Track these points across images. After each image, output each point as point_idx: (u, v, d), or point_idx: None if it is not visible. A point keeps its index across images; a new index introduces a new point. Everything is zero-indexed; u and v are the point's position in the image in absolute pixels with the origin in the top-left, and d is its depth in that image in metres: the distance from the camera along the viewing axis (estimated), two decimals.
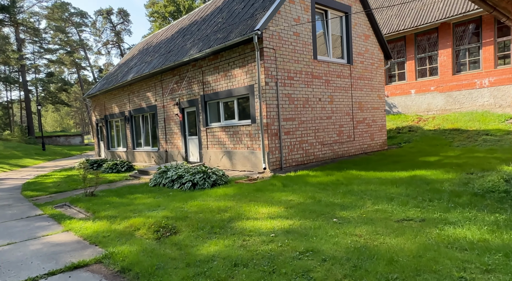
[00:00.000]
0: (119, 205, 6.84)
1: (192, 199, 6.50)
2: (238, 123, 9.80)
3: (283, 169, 9.08)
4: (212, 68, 10.51)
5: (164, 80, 13.02)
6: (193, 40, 12.07)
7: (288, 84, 9.30)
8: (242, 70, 9.38)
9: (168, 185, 8.82)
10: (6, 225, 6.13)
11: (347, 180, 6.83)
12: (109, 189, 9.17)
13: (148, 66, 14.08)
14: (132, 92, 15.31)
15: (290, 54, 9.31)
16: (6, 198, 9.09)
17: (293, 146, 9.45)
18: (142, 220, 5.31)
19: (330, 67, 10.52)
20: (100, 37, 49.55)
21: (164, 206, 6.24)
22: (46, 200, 8.45)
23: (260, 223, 4.53)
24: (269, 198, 5.95)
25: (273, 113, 8.92)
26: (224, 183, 8.28)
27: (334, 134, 10.69)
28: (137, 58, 17.23)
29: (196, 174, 8.38)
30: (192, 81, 11.46)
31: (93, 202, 7.38)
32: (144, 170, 11.36)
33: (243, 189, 6.93)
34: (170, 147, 13.10)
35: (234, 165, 9.97)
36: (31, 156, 24.28)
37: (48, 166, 19.42)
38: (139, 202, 6.99)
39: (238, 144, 9.82)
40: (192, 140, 12.01)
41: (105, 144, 18.64)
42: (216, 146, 10.70)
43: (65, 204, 7.80)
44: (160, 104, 13.39)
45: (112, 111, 17.37)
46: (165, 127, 13.25)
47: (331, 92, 10.57)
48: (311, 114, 9.93)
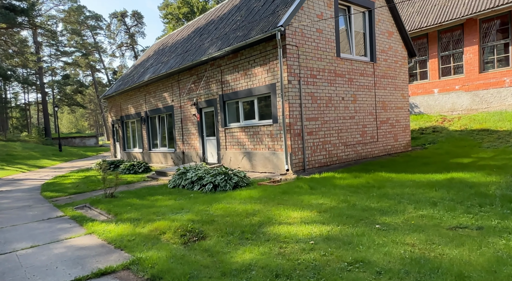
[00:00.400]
0: (140, 207, 6.65)
1: (216, 202, 6.25)
2: (259, 123, 9.52)
3: (306, 170, 8.75)
4: (231, 67, 10.28)
5: (181, 80, 12.87)
6: (211, 39, 11.88)
7: (311, 82, 8.98)
8: (263, 68, 9.11)
9: (187, 186, 8.61)
10: (28, 226, 6.00)
11: (379, 183, 6.46)
12: (128, 191, 9.02)
13: (164, 66, 13.97)
14: (149, 93, 15.23)
15: (313, 51, 8.99)
16: (26, 199, 9.04)
17: (316, 147, 9.12)
18: (167, 224, 5.08)
19: (353, 65, 10.14)
20: (115, 39, 50.25)
21: (188, 208, 6.00)
22: (66, 201, 8.35)
23: (294, 229, 4.23)
24: (298, 202, 5.64)
25: (295, 112, 8.62)
26: (246, 185, 8.01)
27: (357, 135, 10.30)
28: (153, 59, 17.19)
29: (217, 175, 8.14)
30: (210, 80, 11.26)
31: (114, 204, 7.21)
32: (161, 171, 11.20)
33: (268, 192, 6.64)
34: (187, 148, 12.93)
35: (254, 166, 9.69)
36: (48, 157, 24.59)
37: (65, 167, 19.57)
38: (161, 204, 6.78)
39: (259, 145, 9.55)
40: (210, 140, 11.80)
41: (121, 145, 18.66)
42: (235, 147, 10.45)
43: (85, 205, 7.67)
44: (177, 105, 13.25)
45: (128, 112, 17.36)
46: (182, 127, 13.09)
47: (354, 91, 10.19)
48: (334, 114, 9.58)
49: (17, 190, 10.84)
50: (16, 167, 18.93)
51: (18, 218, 6.75)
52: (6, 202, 8.80)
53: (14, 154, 23.50)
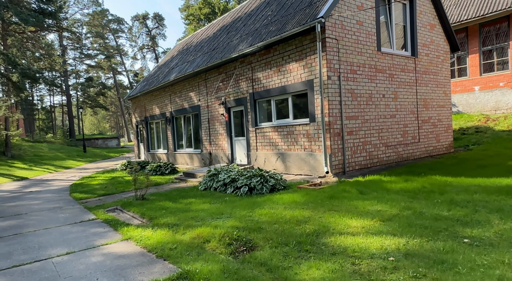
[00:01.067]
0: (175, 211, 6.25)
1: (258, 207, 5.76)
2: (293, 122, 9.00)
3: (346, 173, 8.15)
4: (263, 63, 9.81)
5: (208, 79, 12.53)
6: (239, 36, 11.46)
7: (351, 78, 8.39)
8: (299, 64, 8.59)
9: (220, 189, 8.19)
10: (61, 230, 5.71)
11: (438, 188, 5.79)
12: (158, 193, 8.70)
13: (191, 65, 13.68)
14: (174, 93, 15.00)
15: (353, 45, 8.40)
16: (57, 200, 8.87)
17: (356, 147, 8.50)
18: (209, 231, 4.63)
19: (394, 60, 9.46)
20: (136, 42, 50.99)
21: (228, 214, 5.55)
22: (96, 203, 8.10)
23: (361, 240, 3.68)
24: (351, 208, 5.08)
25: (335, 110, 8.04)
26: (283, 188, 7.50)
27: (399, 135, 9.60)
28: (178, 58, 16.99)
29: (252, 177, 7.66)
30: (240, 78, 10.84)
31: (146, 207, 6.87)
32: (189, 173, 10.85)
33: (312, 196, 6.10)
34: (214, 149, 12.55)
35: (288, 168, 9.17)
36: (73, 158, 24.93)
37: (90, 167, 19.68)
38: (196, 208, 6.37)
39: (293, 146, 9.02)
40: (239, 141, 11.36)
41: (145, 146, 18.56)
42: (267, 148, 9.96)
43: (116, 208, 7.37)
44: (204, 104, 12.91)
45: (153, 112, 17.23)
46: (209, 128, 12.74)
47: (395, 87, 9.50)
48: (374, 112, 8.93)
49: (47, 191, 10.77)
50: (44, 168, 19.18)
51: (50, 221, 6.50)
52: (36, 203, 8.65)
53: (41, 155, 23.95)
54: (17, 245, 5.02)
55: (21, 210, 7.83)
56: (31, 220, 6.72)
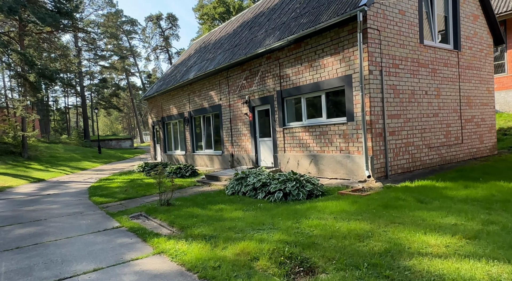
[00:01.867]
0: (207, 219, 5.65)
1: (302, 216, 5.11)
2: (327, 121, 8.31)
3: (389, 177, 7.41)
4: (292, 59, 9.16)
5: (230, 77, 11.94)
6: (264, 30, 10.84)
7: (393, 73, 7.65)
8: (335, 58, 7.90)
9: (249, 194, 7.57)
10: (84, 240, 5.17)
11: None
12: (182, 197, 8.13)
13: (211, 63, 13.13)
14: (193, 92, 14.48)
15: (395, 36, 7.67)
16: (76, 204, 8.40)
17: (399, 149, 7.75)
18: (254, 245, 4.00)
19: (437, 54, 8.68)
20: (149, 43, 51.01)
21: (269, 224, 4.91)
22: (117, 208, 7.58)
23: (454, 265, 2.98)
24: (417, 220, 4.37)
25: (377, 108, 7.32)
26: (322, 193, 6.83)
27: (441, 135, 8.80)
28: (196, 57, 16.49)
29: (287, 182, 7.01)
30: (266, 75, 10.21)
31: (173, 214, 6.29)
32: (213, 176, 10.27)
33: (362, 204, 5.40)
34: (236, 150, 11.95)
35: (322, 171, 8.48)
36: (89, 159, 24.75)
37: (106, 169, 19.36)
38: (230, 216, 5.75)
39: (327, 147, 8.33)
40: (264, 142, 10.73)
41: (162, 147, 18.12)
42: (296, 149, 9.30)
43: (140, 214, 6.82)
44: (225, 103, 12.33)
45: (170, 112, 16.76)
46: (231, 128, 12.15)
47: (438, 83, 8.71)
48: (417, 110, 8.17)
49: (65, 194, 10.35)
50: (60, 169, 18.95)
51: (71, 228, 5.99)
52: (55, 207, 8.20)
53: (57, 156, 23.83)
54: (38, 258, 4.49)
55: (40, 215, 7.37)
56: (51, 227, 6.22)
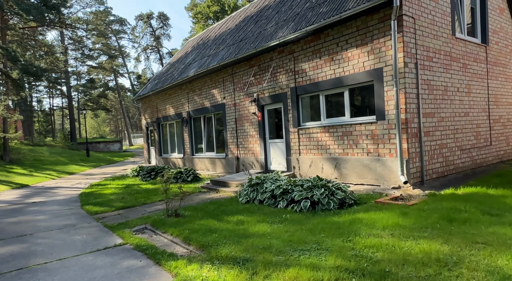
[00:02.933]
0: (230, 234, 4.72)
1: (349, 232, 4.24)
2: (351, 121, 7.51)
3: (424, 183, 6.64)
4: (309, 52, 8.35)
5: (236, 74, 11.05)
6: (275, 23, 10.01)
7: (427, 66, 6.92)
8: (362, 50, 7.11)
9: (268, 202, 6.67)
10: (82, 263, 4.17)
11: None
12: (190, 206, 7.17)
13: (213, 59, 12.21)
14: (193, 90, 13.51)
15: (429, 26, 6.94)
16: (67, 215, 7.31)
17: (433, 151, 7.01)
18: (308, 275, 3.12)
19: (467, 47, 8.02)
20: (139, 43, 49.56)
21: (313, 242, 4.03)
22: (116, 219, 6.55)
23: None
24: (503, 239, 3.56)
25: (412, 105, 6.56)
26: (354, 202, 5.99)
27: (472, 137, 8.12)
28: (195, 54, 15.52)
29: (313, 189, 6.15)
30: (277, 71, 9.36)
31: (186, 227, 5.34)
32: (219, 181, 9.32)
33: (416, 217, 4.58)
34: (243, 153, 11.03)
35: (345, 176, 7.66)
36: (77, 163, 23.34)
37: (96, 173, 18.10)
38: (256, 231, 4.83)
39: (351, 149, 7.52)
40: (275, 144, 9.86)
41: (157, 149, 17.02)
42: (314, 152, 8.46)
43: (145, 227, 5.83)
44: (230, 102, 11.42)
45: (166, 112, 15.71)
46: (236, 129, 11.23)
47: (468, 80, 8.04)
48: (449, 109, 7.46)
49: (53, 202, 9.20)
50: (45, 173, 17.59)
51: (64, 246, 4.96)
52: (43, 218, 7.09)
53: (42, 159, 22.35)
54: None
55: (24, 229, 6.27)
56: (39, 244, 5.17)
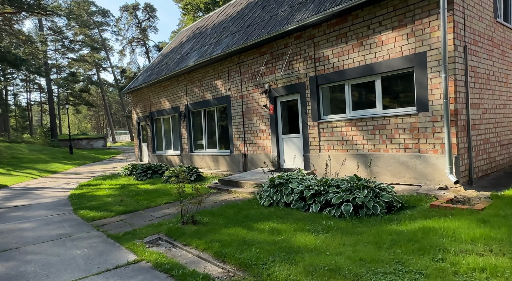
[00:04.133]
0: (271, 248, 3.81)
1: (431, 247, 3.42)
2: (384, 113, 6.73)
3: (473, 182, 5.94)
4: (333, 36, 7.50)
5: (243, 63, 10.08)
6: (289, 6, 9.10)
7: (474, 51, 6.21)
8: (399, 32, 6.32)
9: (296, 205, 5.81)
10: None
11: None
12: (205, 210, 6.21)
13: (216, 47, 11.18)
14: (192, 82, 12.43)
15: (475, 6, 6.22)
16: (59, 222, 6.19)
17: (479, 147, 6.32)
18: None
19: (505, 33, 7.38)
20: (124, 36, 47.38)
21: (393, 262, 3.18)
22: (120, 227, 5.51)
23: None
24: None
25: (461, 95, 5.83)
26: (401, 205, 5.20)
27: (508, 131, 7.52)
28: (192, 43, 14.40)
29: (354, 190, 5.32)
30: (294, 59, 8.47)
31: (212, 237, 4.40)
32: (230, 180, 8.37)
33: (502, 226, 3.82)
34: (251, 150, 10.11)
35: (375, 174, 6.87)
36: (59, 160, 21.73)
37: (82, 172, 16.71)
38: (304, 244, 3.94)
39: (384, 144, 6.74)
40: (290, 139, 8.99)
41: (150, 146, 15.82)
42: (337, 148, 7.65)
43: (159, 237, 4.85)
44: (236, 94, 10.44)
45: (161, 106, 14.55)
46: (243, 123, 10.28)
47: (506, 69, 7.42)
48: (491, 100, 6.81)
49: (38, 206, 7.99)
50: (25, 172, 16.06)
51: (62, 265, 3.91)
52: (30, 227, 5.95)
53: (20, 157, 20.64)
54: None
55: (8, 240, 5.15)
56: (30, 263, 4.10)
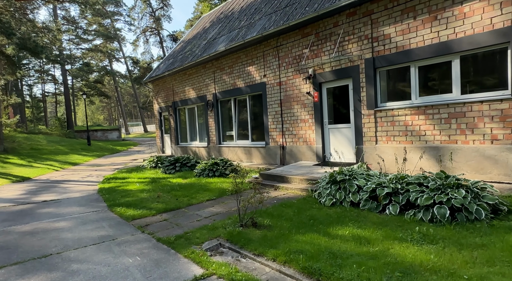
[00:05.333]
0: (380, 266, 3.06)
1: None
2: (464, 98, 5.83)
3: None
4: (397, 11, 6.57)
5: (282, 46, 9.21)
6: None
7: None
8: (489, 1, 5.37)
9: (367, 206, 5.04)
10: None
11: None
12: (259, 210, 5.45)
13: (249, 30, 10.32)
14: (220, 69, 11.63)
15: None
16: (96, 221, 5.55)
17: None
18: None
19: None
20: (138, 25, 46.61)
21: None
22: (166, 229, 4.82)
23: None
24: None
25: None
26: (507, 208, 4.37)
27: None
28: (217, 28, 13.55)
29: (446, 189, 4.49)
30: (346, 39, 7.58)
31: (287, 246, 3.67)
32: (274, 175, 7.61)
33: None
34: (290, 141, 9.32)
35: (451, 170, 6.01)
36: (78, 152, 21.36)
37: (102, 164, 16.24)
38: (417, 260, 3.16)
39: (463, 135, 5.86)
40: (337, 130, 8.16)
41: (173, 137, 15.18)
42: (399, 139, 6.79)
43: (220, 243, 4.15)
44: (272, 81, 9.62)
45: (185, 95, 13.82)
46: (281, 112, 9.47)
47: None
48: None
49: (69, 201, 7.40)
50: (46, 164, 15.65)
51: (116, 278, 3.23)
52: (66, 226, 5.32)
53: (39, 148, 20.32)
54: None
55: (46, 243, 4.52)
56: (77, 274, 3.44)
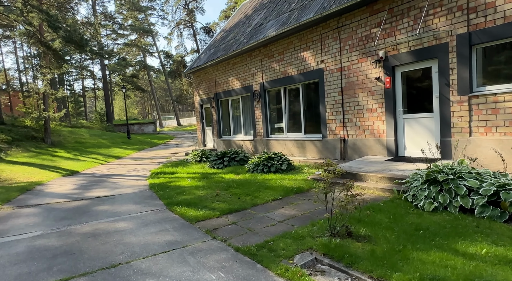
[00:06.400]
0: None
1: None
2: None
3: None
4: None
5: (345, 27, 8.21)
6: None
7: None
8: None
9: (487, 213, 4.09)
10: None
11: None
12: (344, 214, 4.64)
13: (303, 12, 9.39)
14: (269, 56, 10.82)
15: None
16: (157, 222, 5.00)
17: None
18: None
19: None
20: (172, 18, 46.79)
21: None
22: (239, 234, 4.14)
23: None
24: None
25: None
26: None
27: None
28: (263, 13, 12.71)
29: None
30: (430, 13, 6.47)
31: (412, 269, 2.84)
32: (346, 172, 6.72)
33: None
34: (353, 133, 8.37)
35: None
36: (119, 145, 21.62)
37: (144, 157, 16.14)
38: None
39: None
40: (415, 120, 7.10)
41: (215, 130, 14.67)
42: (503, 130, 5.66)
43: (315, 258, 3.43)
44: (331, 66, 8.67)
45: (229, 86, 13.19)
46: (342, 101, 8.52)
47: None
48: None
49: (122, 198, 7.00)
50: (91, 158, 15.80)
51: None
52: (127, 228, 4.81)
53: (83, 142, 20.76)
54: None
55: (111, 249, 4.00)
56: None
